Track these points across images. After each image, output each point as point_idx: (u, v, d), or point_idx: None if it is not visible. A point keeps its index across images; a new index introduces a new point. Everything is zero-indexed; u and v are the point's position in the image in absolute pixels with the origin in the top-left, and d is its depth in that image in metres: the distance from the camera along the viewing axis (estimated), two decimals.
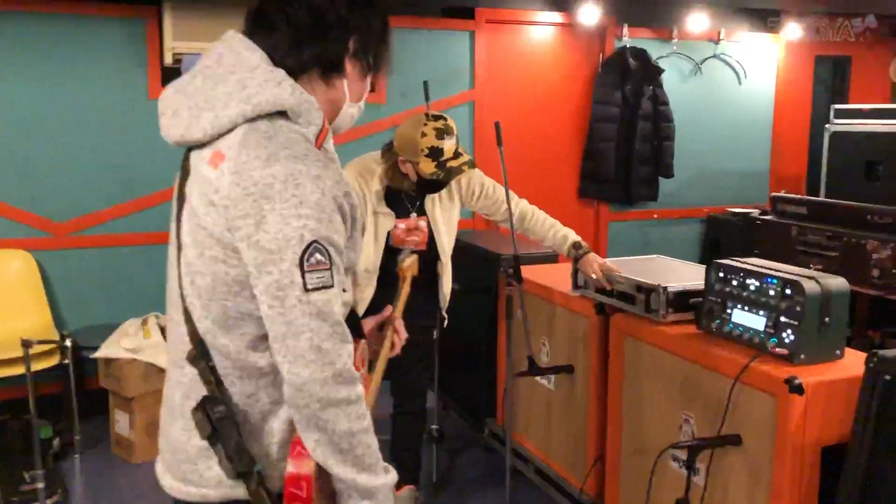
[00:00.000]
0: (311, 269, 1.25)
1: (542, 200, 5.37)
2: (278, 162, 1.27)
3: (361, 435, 1.31)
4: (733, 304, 2.47)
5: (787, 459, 2.18)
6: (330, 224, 1.29)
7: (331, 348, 1.27)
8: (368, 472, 1.33)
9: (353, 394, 1.29)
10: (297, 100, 1.34)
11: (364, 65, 1.45)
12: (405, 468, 3.39)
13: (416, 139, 2.82)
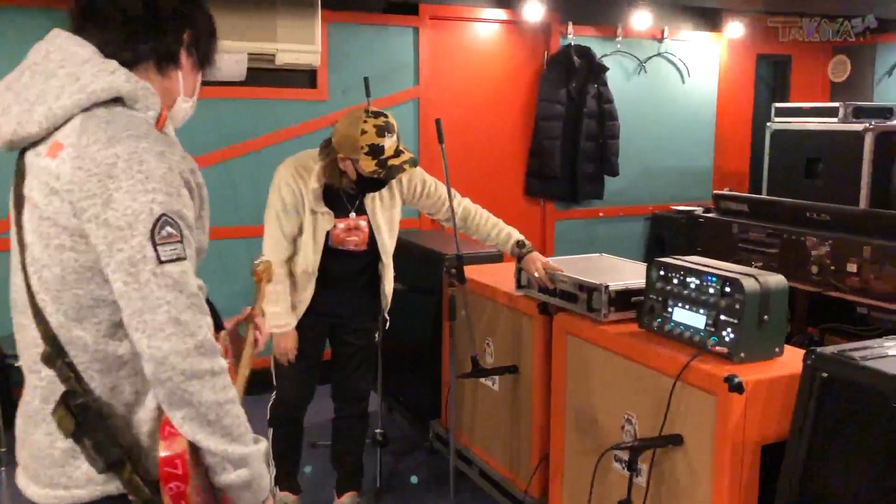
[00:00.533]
0: (162, 241, 1.26)
1: (489, 198, 5.33)
2: (120, 142, 1.27)
3: (228, 405, 1.30)
4: (674, 302, 2.45)
5: (727, 458, 2.16)
6: (179, 198, 1.29)
7: (190, 319, 1.26)
8: (238, 441, 1.33)
9: (216, 365, 1.29)
10: (133, 86, 1.35)
11: (196, 59, 1.48)
12: (347, 474, 3.33)
13: (356, 136, 2.74)
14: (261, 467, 1.37)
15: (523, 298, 3.06)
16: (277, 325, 2.98)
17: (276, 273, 2.92)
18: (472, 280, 3.41)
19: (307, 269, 2.95)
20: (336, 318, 3.14)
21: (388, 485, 3.62)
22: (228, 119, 4.51)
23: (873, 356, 2.00)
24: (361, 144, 2.72)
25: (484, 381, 3.39)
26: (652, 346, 2.43)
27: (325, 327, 3.16)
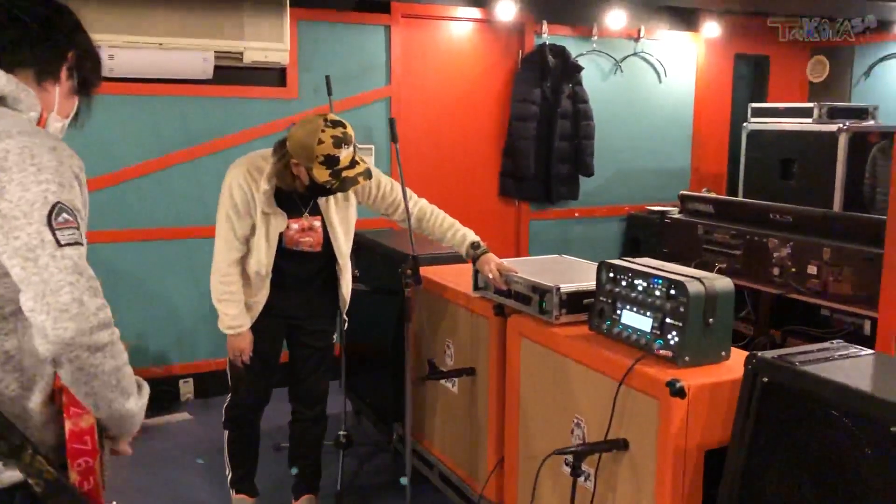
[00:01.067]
0: (60, 226, 1.29)
1: (462, 198, 5.34)
2: (10, 137, 1.31)
3: (124, 367, 1.37)
4: (622, 304, 2.42)
5: (670, 463, 2.13)
6: (71, 189, 1.34)
7: (90, 301, 1.30)
8: (135, 395, 1.43)
9: (113, 335, 1.34)
10: (14, 87, 1.41)
11: (75, 83, 1.55)
12: (304, 476, 3.30)
13: (312, 146, 2.69)
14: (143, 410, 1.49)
15: (480, 300, 3.03)
16: (231, 327, 2.95)
17: (229, 274, 2.90)
18: (431, 281, 3.39)
19: (260, 271, 2.92)
20: (293, 320, 3.11)
21: (349, 487, 3.59)
22: (195, 117, 4.47)
23: (815, 360, 1.97)
24: (317, 154, 2.68)
25: (444, 382, 3.36)
26: (599, 349, 2.39)
27: (282, 329, 3.13)
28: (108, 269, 4.35)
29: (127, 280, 4.39)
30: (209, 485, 3.46)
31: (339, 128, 2.74)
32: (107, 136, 4.31)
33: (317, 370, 3.18)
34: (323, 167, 2.70)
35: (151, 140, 4.41)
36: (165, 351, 4.61)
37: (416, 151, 5.13)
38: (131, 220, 4.41)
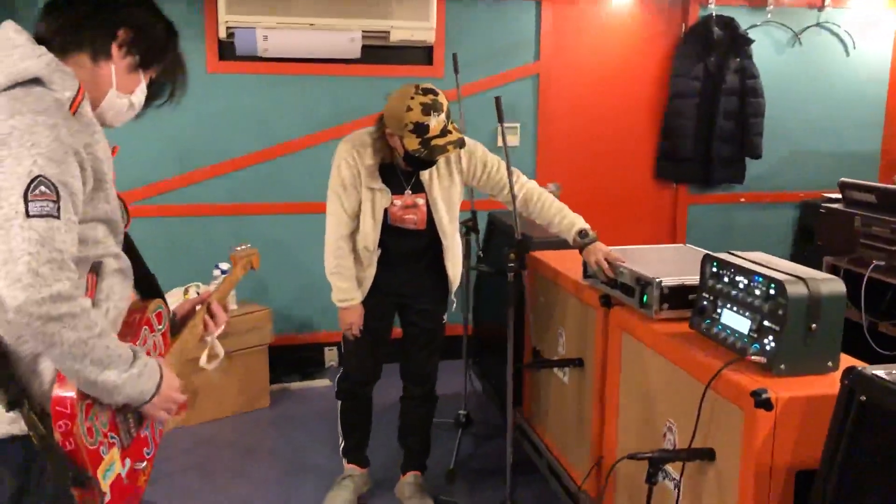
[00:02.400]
0: (34, 198, 1.34)
1: (614, 180, 5.12)
2: (21, 115, 1.38)
3: (94, 341, 1.40)
4: (723, 303, 2.20)
5: (752, 481, 1.92)
6: (62, 165, 1.38)
7: (48, 273, 1.33)
8: (117, 366, 1.45)
9: (75, 307, 1.36)
10: (50, 69, 1.46)
11: (134, 60, 1.60)
12: (411, 453, 3.33)
13: (402, 113, 2.69)
14: (139, 382, 1.51)
15: (589, 288, 2.88)
16: (342, 300, 3.02)
17: (339, 248, 2.96)
18: (546, 266, 3.29)
19: (367, 246, 2.96)
20: (401, 298, 3.13)
21: (460, 466, 3.58)
22: (344, 95, 4.61)
23: None
24: (406, 122, 2.67)
25: (556, 372, 3.25)
26: (693, 350, 2.20)
27: (392, 306, 3.16)
28: (264, 239, 4.61)
29: (280, 250, 4.64)
30: (330, 450, 3.59)
31: (430, 95, 2.70)
32: (263, 114, 4.55)
33: (424, 349, 3.18)
34: (413, 135, 2.67)
35: (303, 117, 4.60)
36: (312, 319, 4.82)
37: (564, 130, 4.98)
38: (284, 194, 4.64)
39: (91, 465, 1.46)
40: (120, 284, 1.59)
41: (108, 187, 1.52)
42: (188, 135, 4.48)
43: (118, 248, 1.60)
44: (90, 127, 1.51)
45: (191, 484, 3.46)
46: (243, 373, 4.20)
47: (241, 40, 4.29)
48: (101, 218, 1.51)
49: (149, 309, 1.68)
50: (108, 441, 1.52)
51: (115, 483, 1.53)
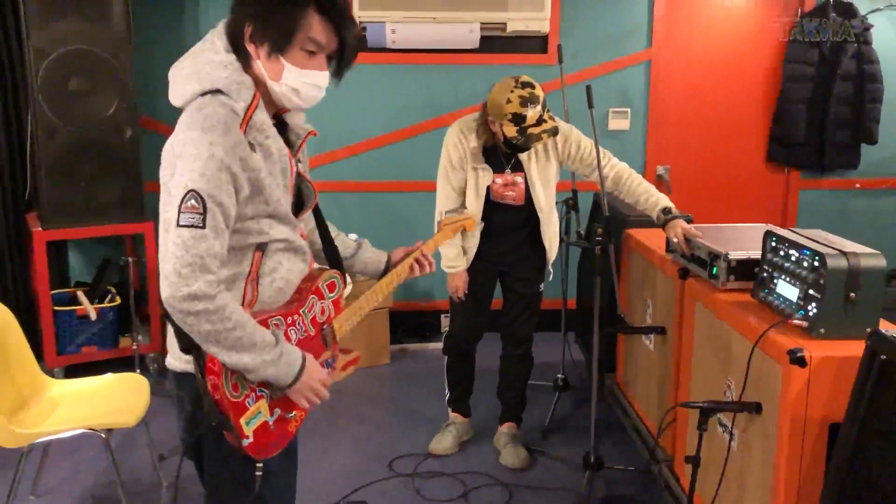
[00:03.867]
0: (185, 210, 1.59)
1: (725, 164, 5.27)
2: (194, 129, 1.62)
3: (227, 332, 1.61)
4: (779, 274, 2.43)
5: (787, 430, 2.16)
6: (213, 181, 1.59)
7: (189, 274, 1.57)
8: (250, 351, 1.65)
9: (210, 305, 1.59)
10: (228, 81, 1.68)
11: (268, 46, 1.70)
12: (508, 407, 3.70)
13: (502, 104, 3.04)
14: (280, 364, 1.70)
15: (671, 262, 3.14)
16: (449, 266, 3.43)
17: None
18: (639, 242, 3.55)
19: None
20: (502, 266, 3.49)
21: (556, 425, 3.92)
22: (464, 83, 4.99)
23: None
24: (506, 112, 3.02)
25: (644, 339, 3.52)
26: (749, 316, 2.44)
27: (493, 274, 3.53)
28: (390, 214, 5.11)
29: (404, 224, 5.10)
30: (439, 402, 4.01)
31: (528, 88, 3.03)
32: (391, 100, 5.02)
33: (521, 314, 3.54)
34: (511, 124, 3.02)
35: (426, 103, 5.03)
36: (432, 288, 5.27)
37: (675, 115, 5.15)
38: (409, 173, 5.09)
39: (233, 414, 1.69)
40: (290, 260, 1.82)
41: (271, 190, 1.72)
42: (325, 119, 5.00)
43: (291, 232, 1.81)
44: (261, 133, 1.71)
45: (317, 425, 3.98)
46: (367, 332, 4.70)
47: (371, 33, 4.76)
48: (263, 214, 1.73)
49: (320, 279, 1.90)
50: (256, 394, 1.74)
51: (259, 428, 1.74)
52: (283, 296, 1.83)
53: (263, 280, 1.78)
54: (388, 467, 3.53)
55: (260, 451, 1.76)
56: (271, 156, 1.74)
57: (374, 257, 2.22)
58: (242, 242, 1.73)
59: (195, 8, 4.84)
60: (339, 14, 1.74)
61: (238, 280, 1.75)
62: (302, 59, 1.73)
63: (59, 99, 4.09)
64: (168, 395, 2.02)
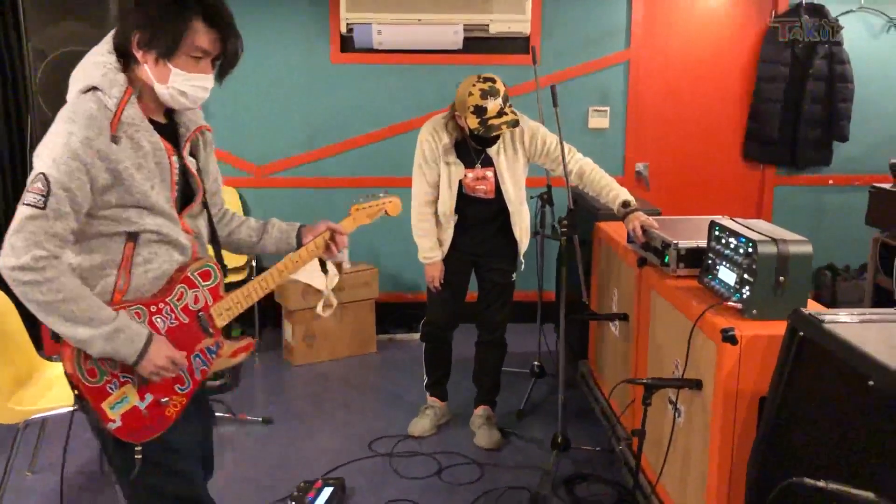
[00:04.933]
0: (30, 190, 1.73)
1: (703, 161, 5.44)
2: (59, 121, 1.78)
3: (59, 304, 1.74)
4: (720, 261, 2.61)
5: (721, 404, 2.34)
6: (62, 168, 1.72)
7: (20, 248, 1.71)
8: (85, 325, 1.76)
9: (38, 277, 1.71)
10: (103, 79, 1.81)
11: (156, 53, 1.82)
12: (483, 390, 3.88)
13: (465, 98, 3.23)
14: (111, 339, 1.78)
15: (632, 253, 3.32)
16: (426, 257, 3.61)
17: (422, 213, 3.54)
18: (606, 234, 3.73)
19: (445, 212, 3.52)
20: (476, 257, 3.68)
21: (531, 408, 4.10)
22: (448, 83, 5.13)
23: (851, 321, 2.06)
24: (469, 104, 3.21)
25: (611, 327, 3.70)
26: (693, 299, 2.62)
27: (468, 264, 3.71)
28: None
29: (389, 219, 5.24)
30: (420, 388, 4.19)
31: (488, 82, 3.23)
32: (377, 98, 5.20)
33: (495, 302, 3.72)
34: (473, 115, 3.21)
35: (412, 102, 5.21)
36: (417, 280, 5.45)
37: (653, 113, 5.32)
38: (395, 169, 5.26)
39: (92, 398, 1.82)
40: (167, 252, 1.92)
41: (135, 181, 1.81)
42: (316, 118, 5.20)
43: (167, 225, 1.90)
44: (132, 127, 1.81)
45: (304, 409, 4.17)
46: (354, 322, 4.89)
47: (358, 35, 4.95)
48: (129, 203, 1.82)
49: (190, 268, 1.97)
50: (120, 380, 1.86)
51: (128, 413, 1.86)
52: (155, 286, 1.92)
53: (136, 269, 1.87)
54: (368, 447, 3.72)
55: (132, 435, 1.88)
56: (142, 149, 1.84)
57: (283, 236, 2.26)
58: (110, 229, 1.84)
59: None
60: (223, 24, 1.88)
61: (109, 267, 1.85)
62: (188, 64, 1.86)
63: (57, 99, 4.25)
64: None
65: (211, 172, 2.13)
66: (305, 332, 4.76)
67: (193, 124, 2.04)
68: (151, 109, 1.93)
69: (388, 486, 3.38)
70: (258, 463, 3.59)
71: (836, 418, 1.95)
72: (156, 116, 1.95)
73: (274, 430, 3.92)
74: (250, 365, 4.80)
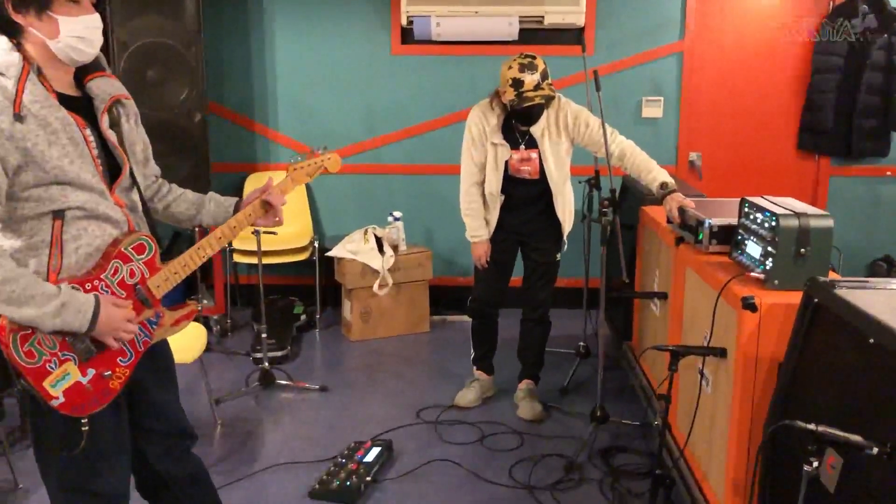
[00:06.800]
0: None
1: (757, 151, 5.48)
2: None
3: (0, 286, 1.75)
4: (747, 236, 2.72)
5: (741, 369, 2.46)
6: None
7: None
8: (30, 304, 1.78)
9: None
10: (3, 61, 1.81)
11: (34, 9, 1.81)
12: (527, 365, 4.05)
13: (505, 72, 3.43)
14: (58, 314, 1.80)
15: (671, 232, 3.43)
16: (473, 236, 3.80)
17: (470, 193, 3.72)
18: (650, 218, 3.85)
19: (492, 192, 3.70)
20: (521, 236, 3.84)
21: (574, 387, 4.25)
22: None
23: (864, 287, 2.16)
24: (507, 78, 3.40)
25: (652, 306, 3.82)
26: (721, 273, 2.73)
27: (513, 243, 3.88)
28: (432, 194, 5.51)
29: (445, 204, 5.47)
30: (468, 364, 4.37)
31: (528, 58, 3.41)
32: (435, 88, 5.41)
33: (539, 281, 3.88)
34: (511, 89, 3.40)
35: (468, 91, 5.38)
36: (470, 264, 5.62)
37: (707, 103, 5.38)
38: (451, 156, 5.43)
39: (33, 379, 1.84)
40: (99, 227, 1.92)
41: (47, 158, 1.80)
42: (376, 106, 5.44)
43: (94, 199, 1.90)
44: (36, 104, 1.80)
45: (358, 379, 4.41)
46: (408, 301, 5.11)
47: (418, 27, 5.16)
48: (48, 181, 1.82)
49: (122, 243, 1.97)
50: (60, 358, 1.87)
51: (70, 388, 1.89)
52: (89, 261, 1.92)
53: (67, 247, 1.88)
54: (415, 415, 3.93)
55: (76, 409, 1.91)
56: (49, 125, 1.82)
57: (220, 210, 2.26)
58: (36, 211, 1.84)
59: (259, 4, 5.33)
60: None
61: (41, 247, 1.86)
62: (70, 9, 1.85)
63: (138, 86, 4.62)
64: (225, 351, 2.29)
65: (137, 143, 2.10)
66: (362, 308, 5.00)
67: (108, 95, 2.00)
68: (61, 83, 1.93)
69: (431, 449, 3.58)
70: (313, 425, 3.84)
71: (843, 377, 2.06)
72: (66, 90, 1.94)
73: (329, 396, 4.17)
74: (311, 337, 5.08)
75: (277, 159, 5.54)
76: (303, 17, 5.37)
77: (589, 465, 3.43)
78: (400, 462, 3.47)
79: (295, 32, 5.39)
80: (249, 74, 5.44)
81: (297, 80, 5.46)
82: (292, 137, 5.48)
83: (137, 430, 2.18)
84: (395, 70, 5.41)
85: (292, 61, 5.43)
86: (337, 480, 3.19)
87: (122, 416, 2.08)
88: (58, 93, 1.90)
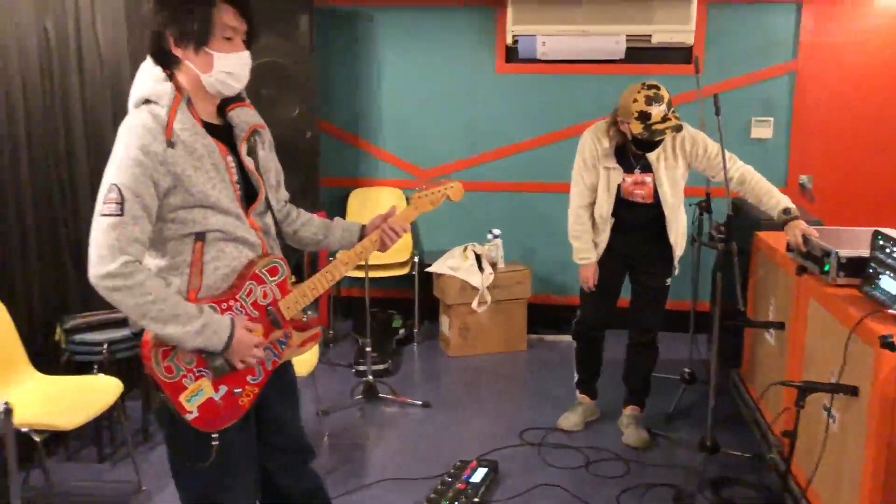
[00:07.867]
0: (105, 201, 1.84)
1: (873, 175, 5.28)
2: (119, 137, 1.89)
3: (149, 305, 1.83)
4: (883, 270, 2.61)
5: (876, 413, 2.36)
6: (128, 174, 1.83)
7: (106, 255, 1.81)
8: (174, 323, 1.86)
9: (129, 282, 1.82)
10: (152, 89, 1.92)
11: (193, 44, 1.92)
12: (632, 391, 3.99)
13: (630, 104, 3.37)
14: (201, 334, 1.88)
15: (791, 260, 3.33)
16: (580, 258, 3.78)
17: (580, 216, 3.70)
18: (766, 244, 3.75)
19: (602, 215, 3.67)
20: (630, 260, 3.80)
21: (680, 414, 4.16)
22: (609, 92, 5.24)
23: None
24: (633, 111, 3.35)
25: (766, 336, 3.71)
26: (851, 307, 2.64)
27: (622, 266, 3.84)
28: (533, 212, 5.51)
29: (545, 222, 5.47)
30: (567, 385, 4.34)
31: (653, 89, 3.35)
32: (538, 107, 5.41)
33: (648, 305, 3.82)
34: (638, 121, 3.34)
35: (571, 110, 5.38)
36: (566, 283, 5.59)
37: (819, 125, 5.21)
38: (553, 175, 5.45)
39: (170, 393, 1.93)
40: (235, 249, 2.00)
41: (194, 182, 1.90)
42: (478, 124, 5.48)
43: (232, 223, 1.98)
44: (185, 131, 1.90)
45: (459, 396, 4.44)
46: (506, 319, 5.11)
47: (523, 45, 5.18)
48: (192, 204, 1.91)
49: (257, 265, 2.04)
50: (195, 374, 1.96)
51: (203, 404, 1.97)
52: (226, 281, 2.01)
53: (207, 267, 1.96)
54: (518, 436, 3.92)
55: (208, 424, 1.99)
56: (196, 151, 1.91)
57: (346, 235, 2.35)
58: (180, 232, 1.93)
59: (370, 25, 5.45)
60: (242, 0, 1.98)
61: (182, 267, 1.95)
62: (224, 46, 1.96)
63: (255, 102, 4.76)
64: (328, 362, 2.35)
65: (271, 169, 2.19)
66: (461, 325, 5.03)
67: (247, 125, 2.10)
68: (206, 112, 2.02)
69: (537, 472, 3.57)
70: (417, 440, 3.88)
71: None
72: (210, 119, 2.03)
73: (431, 413, 4.20)
74: (410, 351, 5.14)
75: (382, 175, 5.64)
76: (410, 36, 5.46)
77: (699, 496, 3.35)
78: (505, 484, 3.47)
79: (401, 51, 5.48)
80: (357, 92, 5.57)
81: (403, 99, 5.55)
82: (396, 154, 5.58)
83: (260, 446, 2.24)
84: (499, 88, 5.44)
85: (398, 80, 5.53)
86: (445, 500, 3.21)
87: (250, 433, 2.14)
88: (203, 121, 1.99)
